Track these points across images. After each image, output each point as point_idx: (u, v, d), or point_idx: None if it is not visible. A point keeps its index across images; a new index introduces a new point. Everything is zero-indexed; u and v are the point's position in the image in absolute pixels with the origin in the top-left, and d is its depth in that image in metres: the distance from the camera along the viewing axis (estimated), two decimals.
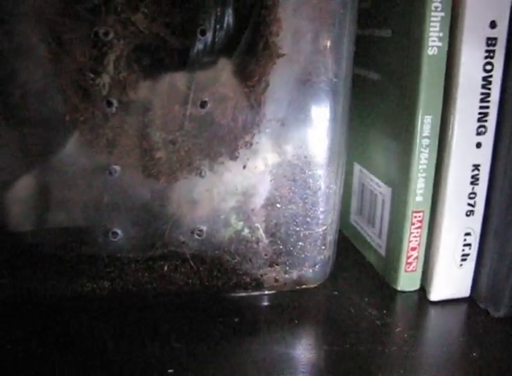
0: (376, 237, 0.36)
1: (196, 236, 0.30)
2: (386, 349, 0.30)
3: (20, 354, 0.29)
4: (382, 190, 0.35)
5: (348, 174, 0.39)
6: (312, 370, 0.29)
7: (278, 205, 0.31)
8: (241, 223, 0.32)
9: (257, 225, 0.32)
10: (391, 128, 0.34)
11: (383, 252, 0.36)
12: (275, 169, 0.30)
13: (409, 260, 0.33)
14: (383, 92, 0.35)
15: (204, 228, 0.30)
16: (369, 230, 0.37)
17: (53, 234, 0.30)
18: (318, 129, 0.30)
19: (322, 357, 0.29)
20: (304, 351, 0.30)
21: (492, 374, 0.28)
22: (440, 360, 0.29)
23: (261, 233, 0.32)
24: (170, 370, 0.28)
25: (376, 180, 0.36)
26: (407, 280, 0.34)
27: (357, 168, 0.39)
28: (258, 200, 0.31)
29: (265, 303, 0.33)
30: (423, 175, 0.32)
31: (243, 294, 0.33)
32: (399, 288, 0.34)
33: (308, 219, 0.31)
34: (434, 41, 0.30)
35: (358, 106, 0.35)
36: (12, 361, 0.28)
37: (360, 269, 0.37)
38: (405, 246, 0.33)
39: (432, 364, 0.29)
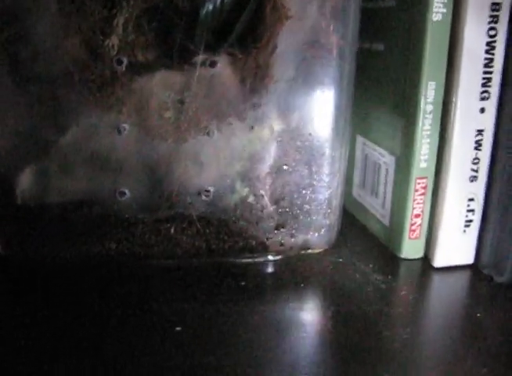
0: (379, 208, 0.37)
1: (204, 197, 0.30)
2: (392, 310, 0.30)
3: (28, 315, 0.28)
4: (386, 160, 0.35)
5: (351, 147, 0.39)
6: (319, 329, 0.29)
7: (283, 172, 0.31)
8: (246, 190, 0.32)
9: (262, 192, 0.32)
10: (395, 97, 0.34)
11: (386, 222, 0.36)
12: (281, 134, 0.31)
13: (413, 227, 0.34)
14: (386, 62, 0.35)
15: (211, 189, 0.30)
16: (373, 202, 0.38)
17: (60, 195, 0.30)
18: (325, 92, 0.30)
19: (329, 317, 0.29)
20: (310, 312, 0.30)
21: (496, 333, 0.28)
22: (445, 320, 0.30)
23: (266, 200, 0.32)
24: (177, 328, 0.28)
25: (380, 150, 0.36)
26: (411, 248, 0.34)
27: (360, 140, 0.39)
28: (264, 167, 0.31)
29: (271, 269, 0.33)
30: (427, 141, 0.32)
31: (249, 260, 0.33)
32: (403, 256, 0.34)
33: (314, 182, 0.31)
34: (438, 7, 0.30)
35: (359, 79, 0.36)
36: (20, 322, 0.28)
37: (364, 239, 0.38)
38: (409, 213, 0.33)
39: (438, 323, 0.29)
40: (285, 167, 0.31)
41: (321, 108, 0.31)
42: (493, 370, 0.25)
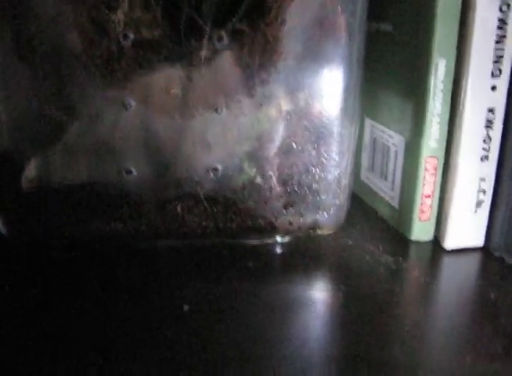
0: (389, 190, 0.36)
1: (211, 176, 0.30)
2: (403, 290, 0.29)
3: (33, 296, 0.28)
4: (395, 141, 0.35)
5: (359, 131, 0.39)
6: (330, 308, 0.28)
7: (292, 151, 0.31)
8: (254, 170, 0.31)
9: (270, 173, 0.31)
10: (405, 77, 0.34)
11: (396, 204, 0.35)
12: (290, 112, 0.30)
13: (423, 208, 0.33)
14: (395, 42, 0.35)
15: (219, 167, 0.30)
16: (382, 184, 0.37)
17: (65, 174, 0.30)
18: (334, 69, 0.30)
19: (340, 297, 0.29)
20: (320, 291, 0.29)
21: (510, 313, 0.28)
22: (458, 300, 0.29)
23: (274, 181, 0.31)
24: (185, 307, 0.27)
25: (389, 132, 0.36)
26: (421, 230, 0.34)
27: (368, 123, 0.38)
28: (272, 147, 0.31)
29: (280, 250, 0.33)
30: (438, 120, 0.32)
31: (258, 242, 0.33)
32: (413, 238, 0.34)
33: (323, 161, 0.31)
34: None
35: (367, 61, 0.35)
36: (25, 303, 0.27)
37: (373, 223, 0.37)
38: (419, 194, 0.33)
39: (451, 303, 0.29)
40: (294, 145, 0.30)
41: (330, 86, 0.30)
42: (509, 349, 0.25)
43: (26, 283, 0.29)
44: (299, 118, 0.30)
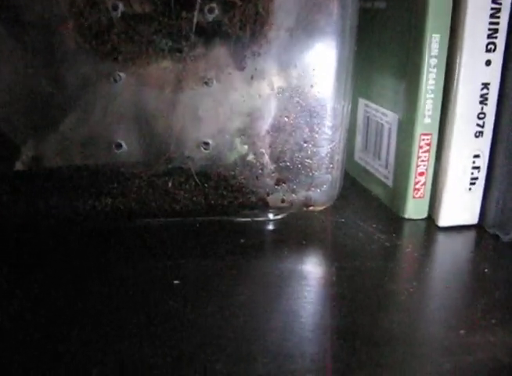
0: (382, 169, 0.36)
1: (203, 150, 0.29)
2: (397, 266, 0.29)
3: (20, 273, 0.27)
4: (388, 119, 0.35)
5: (352, 111, 0.38)
6: (323, 283, 0.28)
7: (284, 125, 0.30)
8: (246, 147, 0.31)
9: (262, 150, 0.31)
10: (398, 55, 0.33)
11: (390, 183, 0.35)
12: (281, 86, 0.30)
13: (417, 186, 0.33)
14: (389, 19, 0.34)
15: (210, 141, 0.29)
16: (376, 163, 0.37)
17: (54, 147, 0.29)
18: (326, 43, 0.29)
19: (333, 272, 0.28)
20: (313, 266, 0.29)
21: (504, 287, 0.27)
22: (452, 275, 0.29)
23: (266, 159, 0.31)
24: (175, 282, 0.27)
25: (383, 110, 0.35)
26: (415, 207, 0.33)
27: (362, 102, 0.38)
28: (264, 124, 0.30)
29: (271, 227, 0.33)
30: (431, 96, 0.32)
31: (249, 219, 0.32)
32: (407, 216, 0.34)
33: (316, 136, 0.30)
34: None
35: (361, 40, 0.35)
36: (12, 279, 0.27)
37: (366, 201, 0.37)
38: (413, 171, 0.33)
39: (445, 278, 0.28)
40: (285, 119, 0.30)
41: (323, 59, 0.30)
42: (502, 320, 0.24)
43: (16, 263, 0.29)
44: (291, 93, 0.29)
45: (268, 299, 0.26)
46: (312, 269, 0.29)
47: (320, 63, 0.30)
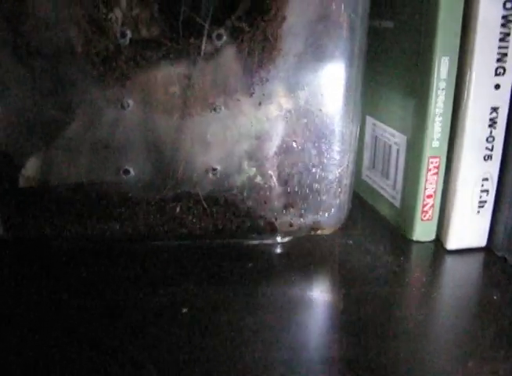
0: (390, 189, 0.36)
1: (211, 176, 0.29)
2: (405, 291, 0.29)
3: (28, 296, 0.28)
4: (397, 140, 0.35)
5: (360, 129, 0.38)
6: (331, 310, 0.28)
7: (292, 150, 0.30)
8: (254, 169, 0.31)
9: (270, 172, 0.31)
10: (406, 75, 0.33)
11: (397, 203, 0.35)
12: (290, 110, 0.30)
13: (425, 208, 0.33)
14: (397, 39, 0.34)
15: (219, 167, 0.29)
16: (383, 183, 0.37)
17: (63, 174, 0.29)
18: (335, 66, 0.29)
19: (341, 299, 0.28)
20: (321, 293, 0.29)
21: None
22: (461, 301, 0.29)
23: (274, 180, 0.31)
24: (184, 310, 0.27)
25: (391, 130, 0.35)
26: (423, 230, 0.33)
27: (370, 121, 0.38)
28: (271, 146, 0.30)
29: (279, 250, 0.33)
30: (440, 119, 0.31)
31: (257, 241, 0.32)
32: (415, 238, 0.34)
33: (324, 160, 0.30)
34: None
35: (368, 58, 0.35)
36: (20, 301, 0.27)
37: (374, 222, 0.37)
38: (421, 194, 0.33)
39: (453, 305, 0.28)
40: (294, 144, 0.30)
41: (331, 83, 0.30)
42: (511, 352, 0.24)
43: (23, 283, 0.29)
44: (299, 117, 0.29)
45: (276, 329, 0.26)
46: (320, 296, 0.29)
47: (329, 87, 0.30)
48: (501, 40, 0.30)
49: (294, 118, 0.29)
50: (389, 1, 0.34)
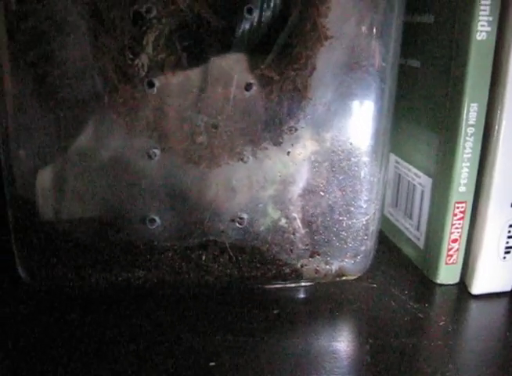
0: (413, 229, 0.35)
1: (237, 225, 0.29)
2: (432, 343, 0.29)
3: (52, 344, 0.27)
4: (421, 181, 0.34)
5: None
6: (355, 362, 0.28)
7: (317, 195, 0.30)
8: (278, 213, 0.30)
9: (294, 215, 0.30)
10: (433, 117, 0.33)
11: (421, 245, 0.35)
12: (318, 157, 0.29)
13: (450, 252, 0.33)
14: (423, 79, 0.34)
15: (245, 216, 0.29)
16: (406, 222, 0.36)
17: (88, 221, 0.29)
18: (364, 115, 0.29)
19: (367, 350, 0.28)
20: (346, 344, 0.29)
21: None
22: (488, 354, 0.28)
23: (298, 223, 0.31)
24: (211, 364, 0.27)
25: (415, 170, 0.35)
26: (447, 273, 0.33)
27: (392, 158, 0.38)
28: (296, 189, 0.30)
29: (304, 295, 0.32)
30: (467, 164, 0.31)
31: (281, 285, 0.32)
32: (439, 281, 0.33)
33: (351, 208, 0.30)
34: (483, 25, 0.29)
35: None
36: (43, 350, 0.27)
37: (397, 261, 0.36)
38: (447, 238, 0.32)
39: (481, 359, 0.28)
40: (321, 193, 0.29)
41: (359, 131, 0.29)
42: None
43: (43, 330, 0.28)
44: (326, 167, 0.29)
45: None
46: (345, 347, 0.28)
47: (357, 135, 0.29)
48: None
49: (322, 169, 0.29)
50: (416, 41, 0.34)
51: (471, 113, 0.30)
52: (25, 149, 0.28)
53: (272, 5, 0.27)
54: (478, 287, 0.32)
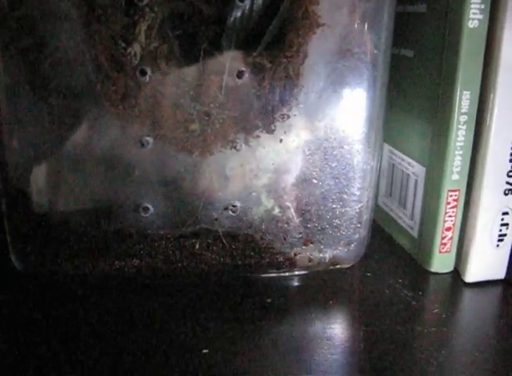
0: (407, 219, 0.36)
1: (231, 213, 0.29)
2: (425, 330, 0.29)
3: (46, 333, 0.27)
4: (415, 170, 0.34)
5: None
6: (349, 349, 0.28)
7: (311, 183, 0.30)
8: (272, 201, 0.30)
9: (287, 204, 0.31)
10: (426, 106, 0.33)
11: (415, 234, 0.35)
12: (310, 145, 0.29)
13: (444, 241, 0.33)
14: (416, 68, 0.34)
15: (239, 204, 0.29)
16: (400, 212, 0.36)
17: (81, 210, 0.29)
18: (356, 102, 0.29)
19: (361, 337, 0.28)
20: (341, 330, 0.29)
21: None
22: (482, 340, 0.28)
23: (291, 212, 0.31)
24: (204, 351, 0.27)
25: (409, 160, 0.35)
26: (441, 262, 0.33)
27: (386, 148, 0.38)
28: (290, 178, 0.30)
29: (297, 283, 0.32)
30: (460, 152, 0.31)
31: (275, 274, 0.32)
32: (433, 270, 0.33)
33: (345, 196, 0.30)
34: (475, 13, 0.29)
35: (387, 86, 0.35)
36: (36, 338, 0.27)
37: (391, 250, 0.36)
38: (440, 226, 0.32)
39: (475, 344, 0.28)
40: (314, 181, 0.30)
41: (352, 119, 0.29)
42: None
43: (37, 319, 0.28)
44: (319, 155, 0.29)
45: (295, 369, 0.25)
46: (339, 334, 0.28)
47: (349, 123, 0.29)
48: None
49: (315, 156, 0.29)
50: (409, 31, 0.34)
51: (464, 102, 0.30)
52: (18, 139, 0.28)
53: None
54: (472, 275, 0.32)
